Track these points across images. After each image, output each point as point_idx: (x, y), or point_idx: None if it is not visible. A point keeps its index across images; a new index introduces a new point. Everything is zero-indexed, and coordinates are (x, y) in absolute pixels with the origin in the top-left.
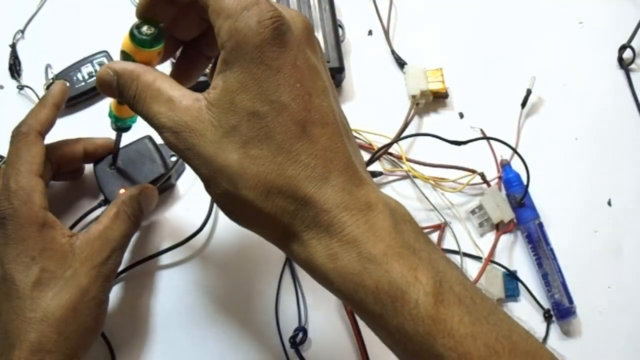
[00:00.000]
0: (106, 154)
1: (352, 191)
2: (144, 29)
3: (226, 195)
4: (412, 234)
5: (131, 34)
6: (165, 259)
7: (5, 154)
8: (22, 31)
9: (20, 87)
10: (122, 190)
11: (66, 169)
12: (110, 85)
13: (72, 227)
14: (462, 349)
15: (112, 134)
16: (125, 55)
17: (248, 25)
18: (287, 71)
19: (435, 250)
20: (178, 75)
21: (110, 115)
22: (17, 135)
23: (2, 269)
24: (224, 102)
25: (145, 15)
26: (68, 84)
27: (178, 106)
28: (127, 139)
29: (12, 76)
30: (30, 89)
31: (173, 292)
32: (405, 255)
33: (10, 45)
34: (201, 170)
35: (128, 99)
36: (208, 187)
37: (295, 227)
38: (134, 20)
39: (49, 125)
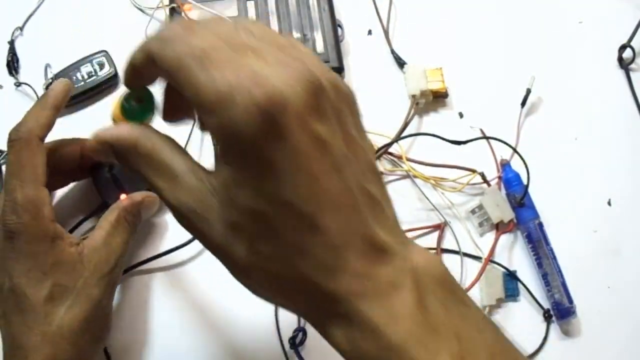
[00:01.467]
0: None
1: (371, 274)
2: (133, 100)
3: (240, 280)
4: (439, 304)
5: (121, 106)
6: (165, 261)
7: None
8: (21, 28)
9: (18, 84)
10: (123, 196)
11: (61, 172)
12: (107, 156)
13: (71, 232)
14: None
15: None
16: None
17: (233, 122)
18: (287, 162)
19: (464, 315)
20: (166, 116)
21: None
22: (18, 141)
23: (10, 281)
24: (224, 195)
25: (132, 85)
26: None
27: (182, 185)
28: None
29: (10, 73)
30: (29, 86)
31: (172, 293)
32: (426, 340)
33: (8, 42)
34: (214, 254)
35: (129, 168)
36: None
37: (312, 314)
38: (135, 19)
39: (49, 129)
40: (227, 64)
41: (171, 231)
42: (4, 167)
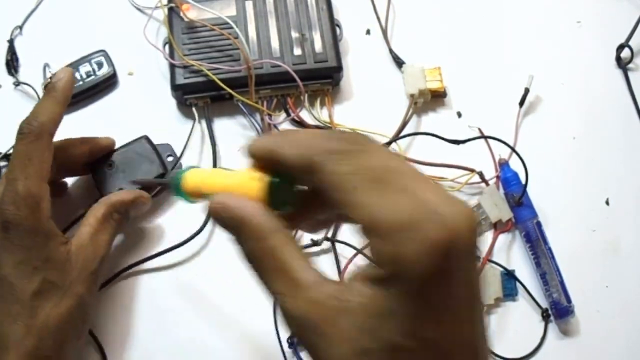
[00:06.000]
0: (106, 154)
1: None
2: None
3: None
4: None
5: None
6: (164, 260)
7: (2, 149)
8: (20, 27)
9: (17, 84)
10: (118, 189)
11: (66, 171)
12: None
13: (68, 228)
14: None
15: (109, 133)
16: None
17: (406, 256)
18: (445, 307)
19: None
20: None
21: (179, 193)
22: (29, 135)
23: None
24: (364, 320)
25: (259, 161)
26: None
27: (306, 296)
28: (124, 139)
29: (9, 72)
30: (28, 85)
31: (171, 293)
32: None
33: (8, 41)
34: None
35: (240, 249)
36: None
37: None
38: (134, 19)
39: (58, 125)
40: (404, 192)
41: (171, 231)
42: (3, 170)
